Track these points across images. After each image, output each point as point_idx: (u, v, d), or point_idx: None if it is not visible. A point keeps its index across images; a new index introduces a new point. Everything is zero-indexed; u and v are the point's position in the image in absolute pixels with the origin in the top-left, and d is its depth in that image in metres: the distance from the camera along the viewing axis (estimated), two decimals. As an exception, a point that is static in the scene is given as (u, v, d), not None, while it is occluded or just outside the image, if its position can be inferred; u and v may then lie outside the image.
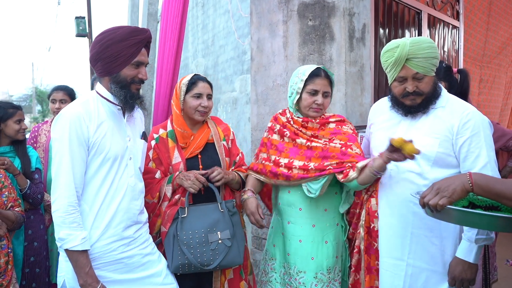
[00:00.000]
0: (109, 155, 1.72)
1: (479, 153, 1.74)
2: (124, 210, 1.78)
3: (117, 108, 1.81)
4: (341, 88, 3.05)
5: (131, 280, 1.81)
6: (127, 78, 1.76)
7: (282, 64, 3.19)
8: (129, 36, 1.72)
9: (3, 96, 38.49)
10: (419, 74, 1.77)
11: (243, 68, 4.85)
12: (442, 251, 1.81)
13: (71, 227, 1.63)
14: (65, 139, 1.64)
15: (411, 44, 1.76)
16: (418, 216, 1.80)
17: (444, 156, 1.78)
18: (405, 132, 1.87)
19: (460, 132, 1.76)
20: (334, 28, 3.06)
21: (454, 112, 1.79)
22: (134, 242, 1.83)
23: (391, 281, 1.88)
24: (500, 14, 6.06)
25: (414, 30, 3.98)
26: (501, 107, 6.74)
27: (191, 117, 2.15)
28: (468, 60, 5.40)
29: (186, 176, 2.03)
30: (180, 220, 2.01)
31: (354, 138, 2.08)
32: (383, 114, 2.00)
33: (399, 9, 3.73)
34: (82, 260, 1.64)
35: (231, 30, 5.11)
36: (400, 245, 1.85)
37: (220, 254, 1.98)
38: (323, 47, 3.07)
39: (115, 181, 1.75)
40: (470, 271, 1.74)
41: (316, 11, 3.08)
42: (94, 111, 1.73)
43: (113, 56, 1.71)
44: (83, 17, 8.69)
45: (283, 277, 2.18)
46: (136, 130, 1.92)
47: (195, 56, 6.52)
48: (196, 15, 6.41)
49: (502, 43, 6.38)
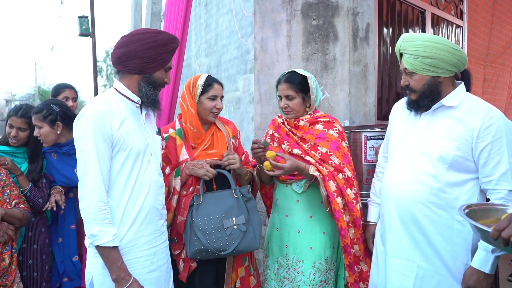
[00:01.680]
0: (133, 152, 1.75)
1: (500, 159, 1.68)
2: (149, 205, 1.81)
3: (136, 105, 1.85)
4: (344, 87, 3.05)
5: (155, 279, 1.83)
6: (158, 80, 1.84)
7: (285, 64, 3.19)
8: (169, 42, 1.82)
9: (6, 95, 38.64)
10: (407, 70, 1.79)
11: (246, 67, 4.85)
12: (454, 257, 1.76)
13: (103, 223, 1.64)
14: (90, 137, 1.66)
15: (404, 39, 1.79)
16: (429, 218, 1.76)
17: (462, 160, 1.72)
18: (423, 130, 1.83)
19: (481, 136, 1.68)
20: (338, 27, 3.06)
21: (477, 115, 1.71)
22: (159, 238, 1.87)
23: (400, 282, 1.84)
24: (504, 13, 6.04)
25: (418, 29, 3.97)
26: (505, 107, 6.72)
27: (205, 118, 2.18)
28: (472, 59, 5.39)
29: (197, 165, 2.07)
30: (195, 207, 2.04)
31: (337, 145, 2.16)
32: (404, 112, 1.98)
33: (403, 8, 3.72)
34: (114, 255, 1.66)
35: (234, 29, 5.11)
36: (411, 247, 1.81)
37: (236, 239, 2.01)
38: (327, 47, 3.07)
39: (139, 177, 1.78)
40: (485, 282, 1.67)
41: (319, 11, 3.08)
42: (116, 108, 1.75)
43: (152, 57, 1.76)
44: (86, 17, 8.68)
45: (277, 272, 2.27)
46: (152, 127, 1.96)
47: (198, 56, 6.52)
48: (199, 14, 6.41)
49: (506, 42, 6.36)
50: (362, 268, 2.18)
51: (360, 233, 2.16)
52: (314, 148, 2.17)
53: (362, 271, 2.18)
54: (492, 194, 1.72)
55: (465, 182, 1.74)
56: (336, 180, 2.10)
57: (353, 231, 2.13)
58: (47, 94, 31.28)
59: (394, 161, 1.93)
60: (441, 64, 1.74)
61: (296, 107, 2.23)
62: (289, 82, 2.23)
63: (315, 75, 3.08)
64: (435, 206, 1.75)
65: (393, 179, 1.89)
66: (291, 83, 2.23)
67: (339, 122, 2.29)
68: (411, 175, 1.81)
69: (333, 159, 2.13)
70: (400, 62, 1.84)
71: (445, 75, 1.77)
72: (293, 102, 2.22)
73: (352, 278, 2.14)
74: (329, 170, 2.11)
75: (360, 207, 2.18)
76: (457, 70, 1.79)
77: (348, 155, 2.21)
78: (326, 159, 2.13)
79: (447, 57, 1.73)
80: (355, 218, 2.13)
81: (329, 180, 2.09)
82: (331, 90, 3.07)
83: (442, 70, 1.75)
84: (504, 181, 1.68)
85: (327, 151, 2.14)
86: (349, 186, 2.13)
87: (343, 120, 3.06)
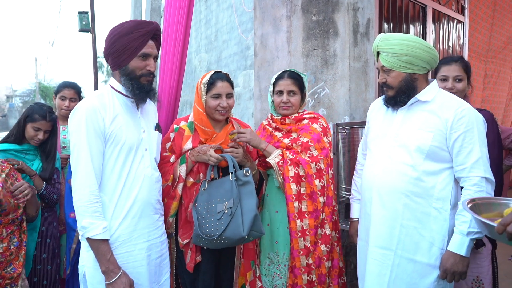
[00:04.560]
0: (125, 146, 1.76)
1: (472, 148, 1.79)
2: (142, 200, 1.81)
3: (131, 101, 1.85)
4: (345, 83, 3.04)
5: (147, 272, 1.83)
6: (136, 70, 1.80)
7: (285, 60, 3.18)
8: (134, 29, 1.78)
9: (7, 91, 38.61)
10: (385, 67, 1.89)
11: (246, 63, 4.82)
12: (431, 243, 1.85)
13: (94, 216, 1.67)
14: (83, 131, 1.68)
15: (381, 38, 1.90)
16: (408, 207, 1.85)
17: (438, 150, 1.83)
18: (400, 124, 1.93)
19: (455, 127, 1.80)
20: (338, 23, 3.04)
21: (449, 108, 1.84)
22: (154, 232, 1.88)
23: (378, 270, 1.92)
24: (505, 8, 6.01)
25: (419, 25, 3.95)
26: (505, 102, 6.70)
27: (212, 116, 2.16)
28: (473, 55, 5.36)
29: (201, 150, 2.05)
30: (200, 193, 2.02)
31: (318, 138, 2.22)
32: (381, 109, 2.08)
33: (404, 3, 3.70)
34: (103, 248, 1.68)
35: (234, 25, 5.08)
36: (389, 235, 1.89)
37: (224, 225, 1.91)
38: (327, 42, 3.06)
39: (131, 171, 1.79)
40: (461, 264, 1.78)
41: (320, 6, 3.06)
42: (109, 103, 1.77)
43: (120, 50, 1.76)
44: (86, 12, 8.64)
45: (267, 268, 2.29)
46: (150, 122, 1.96)
47: (198, 51, 6.49)
48: (199, 9, 6.37)
49: (507, 38, 6.33)
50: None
51: (315, 224, 2.16)
52: (296, 140, 2.22)
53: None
54: (465, 181, 1.82)
55: (441, 171, 1.85)
56: (299, 167, 2.14)
57: (307, 222, 2.15)
58: (47, 90, 31.29)
59: (372, 155, 2.02)
60: (417, 61, 1.85)
61: (296, 103, 2.29)
62: (293, 78, 2.28)
63: (315, 71, 3.07)
64: (414, 195, 1.84)
65: (373, 171, 1.98)
66: (295, 79, 2.28)
67: (324, 119, 2.34)
68: (390, 167, 1.90)
69: (312, 149, 2.18)
70: (377, 61, 1.93)
71: (420, 72, 1.88)
72: (295, 98, 2.29)
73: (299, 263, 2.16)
74: (295, 157, 2.14)
75: (329, 202, 2.23)
76: (430, 68, 1.90)
77: (327, 150, 2.24)
78: (305, 149, 2.17)
79: (422, 54, 1.84)
80: (315, 209, 2.16)
81: (290, 164, 2.12)
82: (331, 86, 3.06)
83: (417, 67, 1.86)
84: (477, 168, 1.79)
85: (308, 141, 2.19)
86: (319, 177, 2.17)
87: (343, 116, 3.05)
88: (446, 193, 1.84)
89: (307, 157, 2.17)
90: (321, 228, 2.21)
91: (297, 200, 2.14)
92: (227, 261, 2.12)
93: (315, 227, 2.16)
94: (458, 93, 2.29)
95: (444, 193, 1.84)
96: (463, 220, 1.78)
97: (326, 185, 2.22)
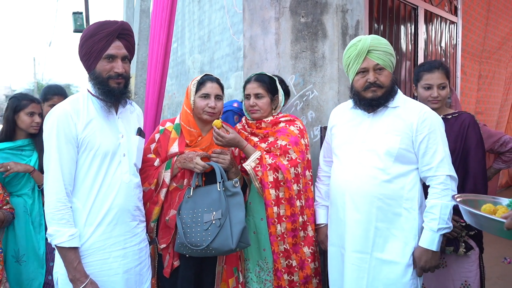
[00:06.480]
0: (99, 152, 1.72)
1: (436, 149, 1.87)
2: (118, 206, 1.77)
3: (108, 105, 1.80)
4: (333, 86, 3.01)
5: (124, 281, 1.80)
6: (103, 73, 1.76)
7: (274, 62, 3.15)
8: (97, 31, 1.73)
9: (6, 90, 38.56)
10: (379, 65, 1.91)
11: (238, 64, 4.80)
12: (404, 243, 1.89)
13: (60, 223, 1.64)
14: (53, 137, 1.66)
15: (372, 38, 1.94)
16: (381, 210, 1.89)
17: (405, 152, 1.89)
18: (367, 130, 1.96)
19: (419, 130, 1.88)
20: (327, 25, 3.01)
21: (412, 111, 1.91)
22: (131, 240, 1.83)
23: (356, 274, 1.94)
24: (500, 8, 5.98)
25: (410, 25, 3.92)
26: (500, 103, 6.67)
27: (199, 117, 2.13)
28: (467, 55, 5.33)
29: (188, 158, 2.03)
30: (185, 200, 1.99)
31: (296, 141, 2.20)
32: (344, 115, 2.09)
33: (395, 4, 3.68)
34: (70, 256, 1.65)
35: (226, 26, 5.06)
36: (364, 239, 1.92)
37: (212, 236, 1.89)
38: (316, 44, 3.03)
39: (107, 178, 1.75)
40: (434, 259, 1.87)
41: (308, 8, 3.03)
42: (83, 108, 1.74)
43: (88, 53, 1.74)
44: (80, 13, 8.64)
45: (258, 275, 2.27)
46: (130, 127, 1.91)
47: (192, 52, 6.47)
48: (193, 10, 6.35)
49: (502, 38, 6.30)
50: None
51: (292, 228, 2.15)
52: (274, 144, 2.19)
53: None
54: (432, 180, 1.90)
55: (408, 173, 1.91)
56: (279, 172, 2.10)
57: (284, 226, 2.14)
58: (45, 90, 31.28)
59: (340, 161, 2.04)
60: (394, 62, 1.95)
61: (264, 106, 2.26)
62: (259, 81, 2.28)
63: (303, 73, 3.04)
64: (386, 197, 1.89)
65: (343, 176, 1.99)
66: (261, 82, 2.27)
67: (301, 121, 2.33)
68: (361, 171, 1.93)
69: (291, 153, 2.16)
70: (364, 60, 1.92)
71: (391, 70, 1.97)
72: (262, 101, 2.26)
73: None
74: (275, 161, 2.11)
75: (310, 204, 2.24)
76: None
77: (304, 153, 2.23)
78: (284, 152, 2.15)
79: (395, 56, 1.97)
80: (293, 213, 2.14)
81: (269, 170, 2.10)
82: (320, 89, 3.03)
83: (392, 67, 1.96)
84: (442, 167, 1.87)
85: (286, 144, 2.17)
86: (296, 182, 2.16)
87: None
88: (414, 194, 1.89)
89: (286, 161, 2.14)
90: (304, 231, 2.20)
91: (276, 205, 2.12)
92: (208, 267, 2.10)
93: (292, 230, 2.15)
94: (443, 100, 2.28)
95: (412, 193, 1.89)
96: (432, 217, 1.84)
97: (303, 188, 2.19)
